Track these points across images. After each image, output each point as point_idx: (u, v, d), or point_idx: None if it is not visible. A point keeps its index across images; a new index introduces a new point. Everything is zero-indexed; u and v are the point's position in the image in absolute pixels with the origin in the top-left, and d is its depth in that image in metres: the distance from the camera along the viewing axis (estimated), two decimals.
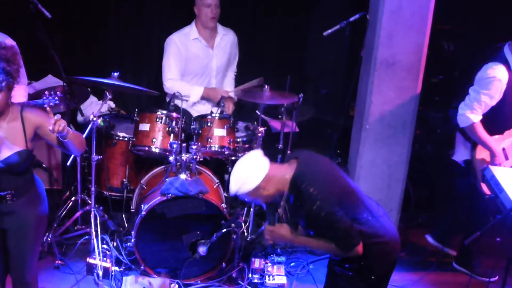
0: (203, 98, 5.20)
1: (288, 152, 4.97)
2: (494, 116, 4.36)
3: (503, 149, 4.51)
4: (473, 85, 4.36)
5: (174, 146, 4.42)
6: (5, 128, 3.19)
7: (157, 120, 4.61)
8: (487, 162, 4.43)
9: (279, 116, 4.99)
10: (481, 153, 4.48)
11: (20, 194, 3.30)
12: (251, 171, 3.04)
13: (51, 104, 4.21)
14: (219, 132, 4.64)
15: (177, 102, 4.74)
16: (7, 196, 3.26)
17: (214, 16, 5.07)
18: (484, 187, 4.20)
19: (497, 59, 4.30)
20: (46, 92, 4.25)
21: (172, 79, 5.12)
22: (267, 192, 3.08)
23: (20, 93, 4.25)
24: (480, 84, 4.31)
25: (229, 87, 5.36)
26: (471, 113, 4.33)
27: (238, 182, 3.05)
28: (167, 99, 5.18)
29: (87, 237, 4.67)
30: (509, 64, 4.29)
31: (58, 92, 4.26)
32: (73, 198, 4.88)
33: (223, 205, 4.46)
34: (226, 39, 5.28)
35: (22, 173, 3.28)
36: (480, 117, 4.34)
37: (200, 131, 4.67)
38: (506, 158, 4.53)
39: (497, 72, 4.26)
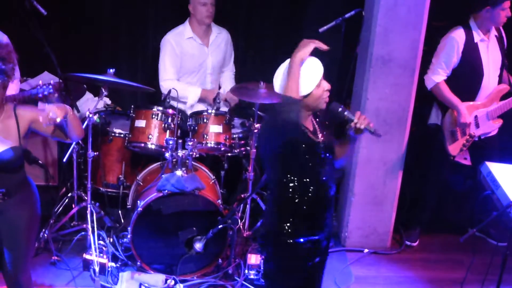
0: (200, 100, 5.17)
1: None
2: (460, 83, 4.71)
3: (475, 117, 4.78)
4: None
5: (170, 142, 4.43)
6: (0, 127, 3.18)
7: (153, 116, 4.61)
8: (455, 123, 4.78)
9: None
10: (451, 117, 4.83)
11: (11, 193, 3.26)
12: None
13: (45, 93, 4.17)
14: (215, 128, 4.65)
15: (173, 102, 4.73)
16: None
17: (210, 15, 5.06)
18: (451, 148, 4.84)
19: (459, 25, 4.72)
20: (40, 82, 4.23)
21: (169, 80, 5.08)
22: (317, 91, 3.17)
23: (11, 87, 4.22)
24: (439, 48, 4.76)
25: (228, 86, 5.29)
26: (433, 75, 4.76)
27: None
28: (163, 97, 5.17)
29: (83, 233, 4.67)
30: (470, 28, 4.66)
31: (51, 81, 4.24)
32: (69, 194, 4.89)
33: (219, 201, 4.46)
34: (220, 37, 5.25)
35: (13, 171, 3.25)
36: (443, 77, 4.75)
37: (196, 128, 4.67)
38: (477, 126, 4.78)
39: (453, 33, 4.71)
